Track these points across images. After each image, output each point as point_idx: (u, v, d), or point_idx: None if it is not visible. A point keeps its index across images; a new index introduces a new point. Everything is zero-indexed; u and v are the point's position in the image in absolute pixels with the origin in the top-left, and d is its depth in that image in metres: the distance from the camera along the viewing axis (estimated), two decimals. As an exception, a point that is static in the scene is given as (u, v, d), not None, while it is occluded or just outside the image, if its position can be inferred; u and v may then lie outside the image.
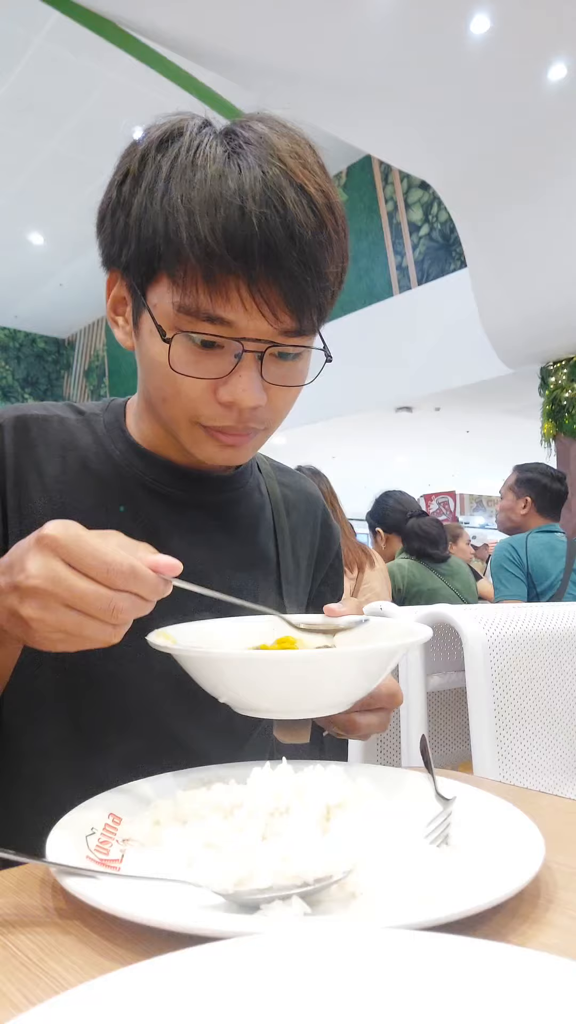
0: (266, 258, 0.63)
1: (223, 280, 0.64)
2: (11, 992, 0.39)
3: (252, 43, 4.26)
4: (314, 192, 0.65)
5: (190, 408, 0.71)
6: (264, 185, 0.63)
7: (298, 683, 0.61)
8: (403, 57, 4.32)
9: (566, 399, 6.38)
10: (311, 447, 9.79)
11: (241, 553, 0.86)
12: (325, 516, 1.00)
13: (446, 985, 0.32)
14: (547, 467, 3.18)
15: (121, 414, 0.86)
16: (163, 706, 0.78)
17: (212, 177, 0.63)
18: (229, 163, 0.64)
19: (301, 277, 0.65)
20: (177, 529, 0.81)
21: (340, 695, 0.63)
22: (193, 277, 0.64)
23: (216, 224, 0.62)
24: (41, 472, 0.79)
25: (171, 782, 0.64)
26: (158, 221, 0.65)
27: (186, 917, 0.42)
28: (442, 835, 0.55)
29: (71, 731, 0.77)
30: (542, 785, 1.32)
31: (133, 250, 0.68)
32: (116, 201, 0.70)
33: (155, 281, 0.68)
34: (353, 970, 0.33)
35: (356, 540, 2.82)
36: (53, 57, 6.73)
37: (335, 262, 0.69)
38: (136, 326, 0.73)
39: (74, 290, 11.76)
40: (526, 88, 4.60)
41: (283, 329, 0.68)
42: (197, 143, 0.66)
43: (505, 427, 9.71)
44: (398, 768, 0.70)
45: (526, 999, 0.31)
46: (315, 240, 0.65)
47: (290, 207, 0.63)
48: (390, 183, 8.87)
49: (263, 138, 0.66)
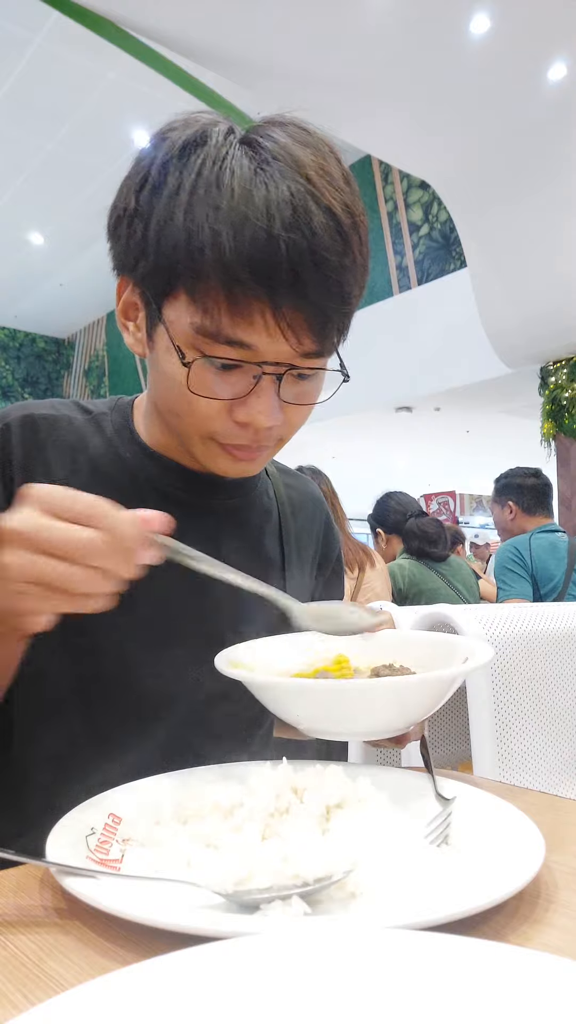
0: (292, 284, 0.62)
1: (247, 304, 0.62)
2: (11, 992, 0.39)
3: (252, 43, 4.26)
4: (341, 213, 0.64)
5: (205, 425, 0.70)
6: (292, 208, 0.61)
7: (377, 708, 0.62)
8: (403, 57, 4.32)
9: (566, 399, 6.37)
10: (311, 447, 9.79)
11: (249, 557, 0.86)
12: (327, 519, 1.01)
13: (446, 985, 0.32)
14: (521, 468, 3.22)
15: (129, 414, 0.84)
16: (176, 712, 0.79)
17: (238, 196, 0.61)
18: (255, 181, 0.62)
19: (326, 303, 0.64)
20: (186, 532, 0.81)
21: (414, 716, 0.65)
22: (215, 299, 0.63)
23: (242, 248, 0.60)
24: (50, 474, 0.77)
25: (171, 782, 0.64)
26: (179, 237, 0.63)
27: (186, 917, 0.42)
28: (442, 835, 0.55)
29: (84, 738, 0.77)
30: (542, 785, 1.32)
31: (151, 263, 0.66)
32: (134, 208, 0.67)
33: (172, 297, 0.66)
34: (353, 970, 0.33)
35: (356, 540, 2.81)
36: (53, 57, 6.73)
37: (359, 284, 0.68)
38: (151, 338, 0.71)
39: (74, 290, 11.76)
40: (526, 88, 4.60)
41: (304, 352, 0.67)
42: (223, 155, 0.63)
43: (505, 427, 9.71)
44: (398, 768, 0.70)
45: (526, 999, 0.31)
46: (341, 265, 0.64)
47: (318, 232, 0.62)
48: (390, 183, 8.87)
49: (287, 151, 0.64)
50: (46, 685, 0.76)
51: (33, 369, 14.13)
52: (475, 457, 12.09)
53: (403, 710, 0.63)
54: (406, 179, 8.58)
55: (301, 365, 0.68)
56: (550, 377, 6.51)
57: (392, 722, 0.64)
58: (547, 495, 3.14)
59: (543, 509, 3.10)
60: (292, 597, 0.66)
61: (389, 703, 0.62)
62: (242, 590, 0.85)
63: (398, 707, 0.62)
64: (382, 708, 0.62)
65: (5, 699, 0.77)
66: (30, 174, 8.68)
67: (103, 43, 4.38)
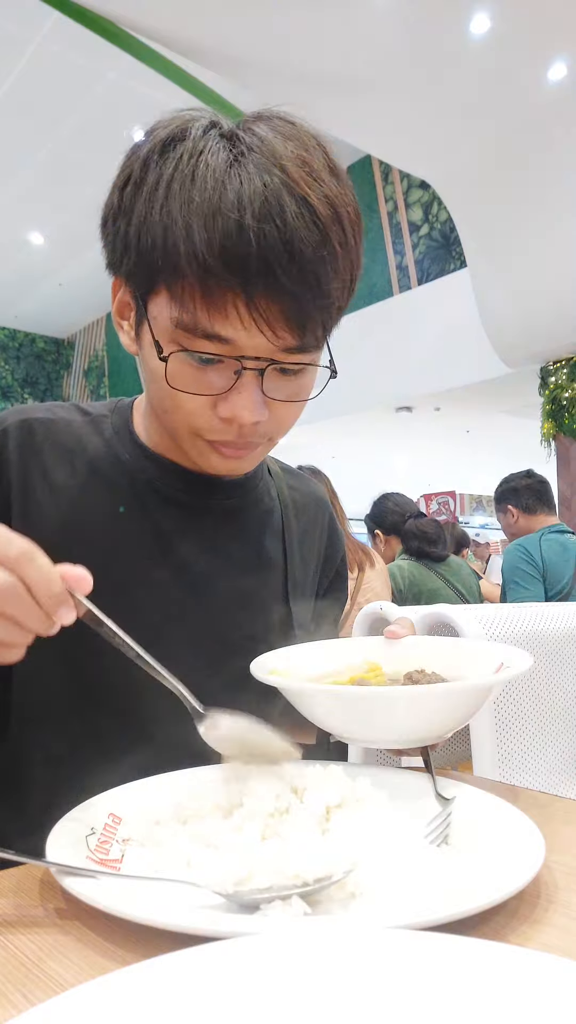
0: (264, 275, 0.61)
1: (221, 296, 0.62)
2: (11, 992, 0.39)
3: (252, 43, 4.25)
4: (318, 204, 0.63)
5: (189, 421, 0.70)
6: (264, 198, 0.61)
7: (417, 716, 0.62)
8: (403, 57, 4.32)
9: (566, 399, 6.37)
10: (311, 447, 9.79)
11: (249, 558, 0.85)
12: (331, 521, 1.00)
13: (446, 985, 0.32)
14: (514, 473, 3.25)
15: (128, 416, 0.84)
16: (177, 714, 0.79)
17: (211, 188, 0.61)
18: (229, 173, 0.62)
19: (301, 294, 0.63)
20: (186, 533, 0.81)
21: (452, 724, 0.65)
22: (191, 292, 0.63)
23: (213, 238, 0.60)
24: (48, 477, 0.77)
25: (171, 782, 0.64)
26: (157, 232, 0.63)
27: (186, 917, 0.42)
28: (442, 835, 0.55)
29: (84, 739, 0.76)
30: (542, 785, 1.32)
31: (133, 260, 0.66)
32: (117, 207, 0.67)
33: (155, 293, 0.67)
34: (353, 970, 0.33)
35: (356, 540, 2.81)
36: (53, 57, 6.72)
37: (340, 276, 0.66)
38: (138, 335, 0.72)
39: (74, 290, 11.75)
40: (526, 88, 4.59)
41: (284, 346, 0.66)
42: (200, 149, 0.63)
43: (505, 427, 9.70)
44: (398, 768, 0.70)
45: (526, 999, 0.31)
46: (316, 256, 0.63)
47: (290, 221, 0.61)
48: (390, 183, 8.86)
49: (266, 143, 0.63)
50: (45, 687, 0.76)
51: (33, 369, 14.12)
52: (475, 457, 12.09)
53: (452, 714, 0.63)
54: (406, 179, 8.58)
55: (283, 360, 0.68)
56: (550, 377, 6.51)
57: (433, 729, 0.64)
58: (544, 492, 3.15)
59: (543, 506, 3.11)
60: (200, 705, 0.61)
61: (436, 710, 0.62)
62: (245, 594, 0.85)
63: (446, 713, 0.63)
64: (425, 714, 0.62)
65: (4, 700, 0.77)
66: (30, 174, 8.68)
67: (103, 43, 4.38)
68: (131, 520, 0.79)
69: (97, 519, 0.77)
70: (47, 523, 0.75)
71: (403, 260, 8.77)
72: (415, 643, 0.77)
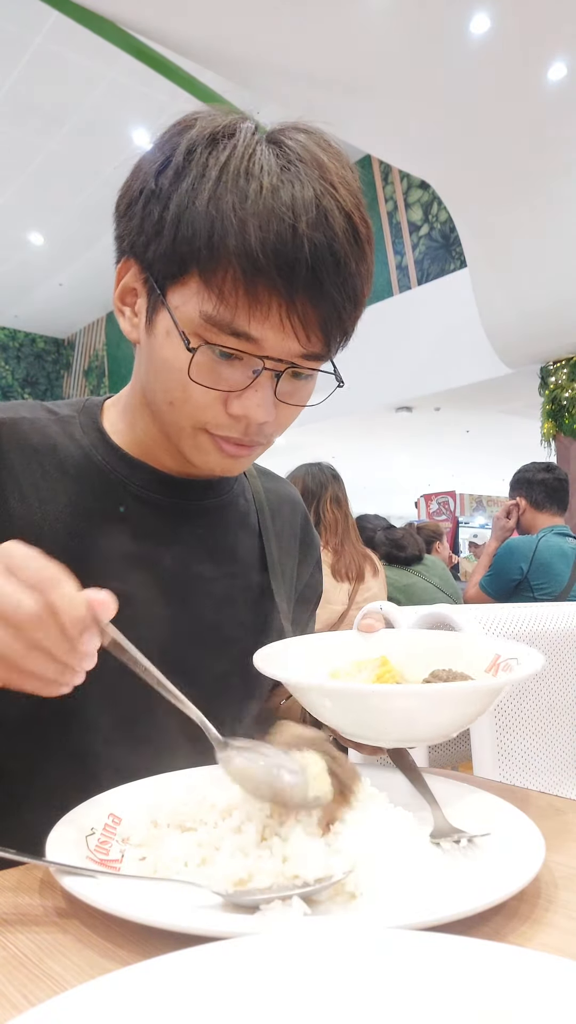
0: (310, 281, 0.63)
1: (266, 296, 0.63)
2: (11, 992, 0.39)
3: (252, 43, 4.25)
4: (359, 223, 0.66)
5: (198, 415, 0.70)
6: (317, 208, 0.63)
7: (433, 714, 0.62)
8: (403, 57, 4.31)
9: (566, 399, 6.37)
10: (311, 447, 9.77)
11: (227, 559, 0.85)
12: (305, 522, 1.00)
13: (446, 985, 0.32)
14: (535, 463, 3.15)
15: (98, 416, 0.82)
16: (176, 716, 0.78)
17: (267, 189, 0.62)
18: (283, 177, 0.63)
19: (340, 304, 0.66)
20: (163, 535, 0.80)
21: (465, 722, 0.65)
22: (233, 288, 0.63)
23: (267, 239, 0.61)
24: (17, 478, 0.75)
25: (171, 782, 0.64)
26: (200, 223, 0.63)
27: (186, 917, 0.42)
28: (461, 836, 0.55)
29: (84, 739, 0.76)
30: (542, 785, 1.32)
31: (165, 247, 0.66)
32: (151, 190, 0.66)
33: (181, 283, 0.66)
34: (353, 970, 0.33)
35: (361, 546, 2.79)
36: (53, 57, 6.73)
37: (366, 291, 0.69)
38: (149, 322, 0.70)
39: (74, 290, 11.76)
40: (526, 88, 4.59)
41: (310, 351, 0.68)
42: (252, 149, 0.64)
43: (505, 427, 9.70)
44: (398, 768, 0.70)
45: (526, 999, 0.31)
46: (357, 270, 0.66)
47: (339, 235, 0.64)
48: (390, 183, 8.87)
49: (313, 155, 0.66)
50: (43, 699, 0.75)
51: (33, 369, 14.13)
52: (475, 457, 12.09)
53: (463, 714, 0.63)
54: (406, 179, 8.58)
55: (302, 364, 0.69)
56: (550, 377, 6.51)
57: (443, 728, 0.64)
58: (559, 491, 3.05)
59: (553, 505, 3.02)
60: (218, 735, 0.58)
61: (450, 709, 0.62)
62: (225, 595, 0.85)
63: (458, 712, 0.63)
64: (438, 714, 0.62)
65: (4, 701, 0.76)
66: (30, 174, 8.68)
67: (103, 43, 4.39)
68: (106, 522, 0.77)
69: (70, 521, 0.76)
70: (18, 523, 0.74)
71: (403, 260, 8.78)
72: (389, 635, 0.79)
